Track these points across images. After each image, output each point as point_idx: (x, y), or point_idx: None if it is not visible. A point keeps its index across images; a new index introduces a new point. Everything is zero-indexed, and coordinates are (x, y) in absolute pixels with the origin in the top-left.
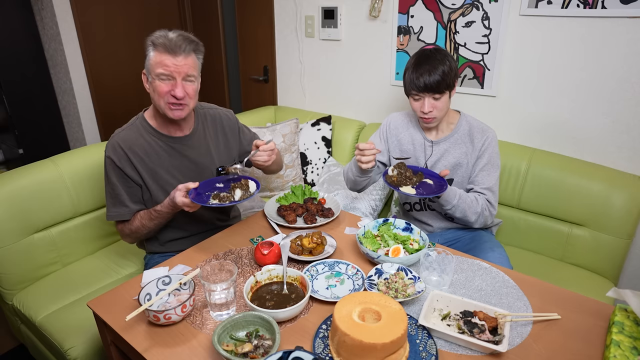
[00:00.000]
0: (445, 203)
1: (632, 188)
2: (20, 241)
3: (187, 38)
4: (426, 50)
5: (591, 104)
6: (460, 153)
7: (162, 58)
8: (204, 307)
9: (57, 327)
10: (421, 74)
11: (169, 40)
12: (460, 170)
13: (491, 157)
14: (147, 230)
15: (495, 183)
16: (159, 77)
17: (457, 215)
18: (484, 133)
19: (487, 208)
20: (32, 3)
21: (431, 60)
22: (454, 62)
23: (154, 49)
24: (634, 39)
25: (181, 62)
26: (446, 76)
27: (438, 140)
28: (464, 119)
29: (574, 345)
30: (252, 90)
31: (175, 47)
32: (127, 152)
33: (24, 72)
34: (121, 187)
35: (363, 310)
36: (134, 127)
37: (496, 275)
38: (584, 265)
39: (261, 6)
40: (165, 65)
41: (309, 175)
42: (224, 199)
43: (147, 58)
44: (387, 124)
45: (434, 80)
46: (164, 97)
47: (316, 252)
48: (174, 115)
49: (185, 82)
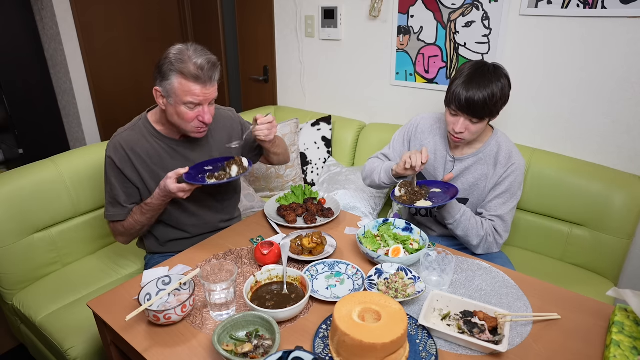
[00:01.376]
0: (448, 216)
1: (632, 188)
2: (20, 241)
3: (214, 65)
4: (485, 66)
5: (591, 104)
6: (480, 174)
7: (190, 87)
8: (204, 307)
9: (57, 327)
10: (468, 91)
11: (197, 69)
12: (477, 191)
13: (512, 186)
14: (140, 226)
15: (508, 212)
16: (187, 105)
17: (458, 233)
18: (510, 159)
19: (492, 234)
20: (32, 3)
21: (485, 79)
22: (508, 88)
23: (180, 76)
24: (634, 39)
25: (210, 89)
26: (493, 102)
27: (461, 158)
28: (494, 138)
29: (574, 345)
30: (252, 90)
31: (206, 78)
32: (128, 153)
33: (24, 72)
34: (119, 188)
35: (363, 310)
36: (136, 127)
37: (496, 275)
38: (584, 265)
39: (261, 6)
40: (195, 95)
41: (309, 175)
42: (221, 177)
43: (167, 81)
44: (414, 125)
45: (479, 102)
46: (191, 122)
47: (316, 252)
48: (199, 136)
49: (210, 105)
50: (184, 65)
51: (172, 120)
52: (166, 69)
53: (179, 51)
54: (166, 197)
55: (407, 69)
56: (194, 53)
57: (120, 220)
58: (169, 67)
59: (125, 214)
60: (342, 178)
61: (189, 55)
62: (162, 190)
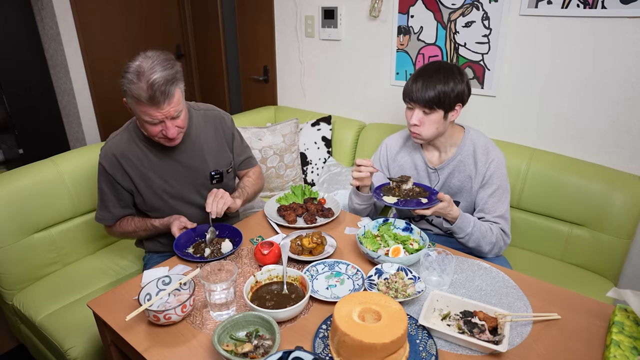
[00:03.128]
0: (459, 231)
1: (632, 188)
2: (20, 241)
3: (168, 81)
4: (437, 63)
5: (591, 104)
6: (464, 176)
7: (145, 109)
8: (204, 307)
9: (57, 327)
10: (416, 83)
11: (147, 92)
12: (465, 193)
13: (500, 181)
14: (136, 236)
15: (507, 209)
16: (147, 122)
17: (470, 245)
18: (488, 155)
19: (502, 238)
20: (32, 3)
21: (435, 74)
22: (463, 86)
23: (133, 100)
24: (634, 39)
25: (166, 108)
26: (444, 95)
27: (441, 166)
28: (468, 137)
29: (574, 345)
30: (252, 90)
31: (159, 98)
32: (119, 159)
33: (24, 72)
34: (109, 194)
35: (363, 310)
36: (126, 132)
37: (496, 275)
38: (584, 265)
39: (261, 6)
40: (152, 115)
41: (309, 175)
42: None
43: (126, 99)
44: (385, 150)
45: (428, 95)
46: (156, 135)
47: (316, 252)
48: (171, 145)
49: (175, 119)
50: (136, 87)
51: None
52: (124, 88)
53: (134, 70)
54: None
55: (407, 69)
56: (150, 69)
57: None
58: (125, 87)
59: (113, 219)
60: (342, 178)
61: (144, 71)
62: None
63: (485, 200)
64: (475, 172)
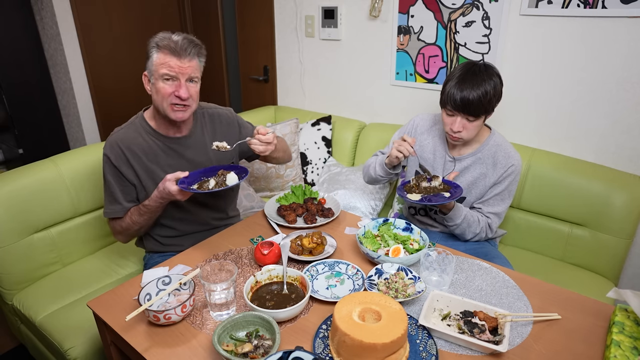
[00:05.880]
0: (449, 220)
1: (632, 188)
2: (20, 241)
3: (192, 41)
4: (475, 65)
5: (591, 104)
6: (479, 173)
7: (166, 59)
8: (204, 307)
9: (57, 327)
10: (462, 91)
11: (174, 43)
12: (475, 189)
13: (510, 185)
14: (137, 227)
15: (504, 210)
16: (163, 78)
17: (455, 232)
18: (508, 160)
19: (485, 231)
20: (32, 3)
21: (477, 78)
22: (500, 85)
23: (158, 50)
24: (634, 39)
25: (186, 64)
26: (488, 104)
27: (460, 157)
28: (492, 138)
29: (575, 345)
30: (252, 90)
31: (181, 50)
32: (124, 151)
33: (24, 72)
34: (116, 185)
35: (363, 310)
36: (133, 125)
37: (496, 275)
38: (584, 265)
39: (261, 6)
40: (170, 67)
41: (309, 175)
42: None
43: (149, 60)
44: (413, 126)
45: (474, 101)
46: (168, 98)
47: (316, 252)
48: (177, 117)
49: (189, 83)
50: (165, 38)
51: (155, 104)
52: (149, 48)
53: (163, 33)
54: (164, 200)
55: (407, 69)
56: (176, 34)
57: (119, 218)
58: (151, 45)
59: (123, 211)
60: (342, 178)
61: (169, 33)
62: (160, 192)
63: (491, 197)
64: (492, 172)
